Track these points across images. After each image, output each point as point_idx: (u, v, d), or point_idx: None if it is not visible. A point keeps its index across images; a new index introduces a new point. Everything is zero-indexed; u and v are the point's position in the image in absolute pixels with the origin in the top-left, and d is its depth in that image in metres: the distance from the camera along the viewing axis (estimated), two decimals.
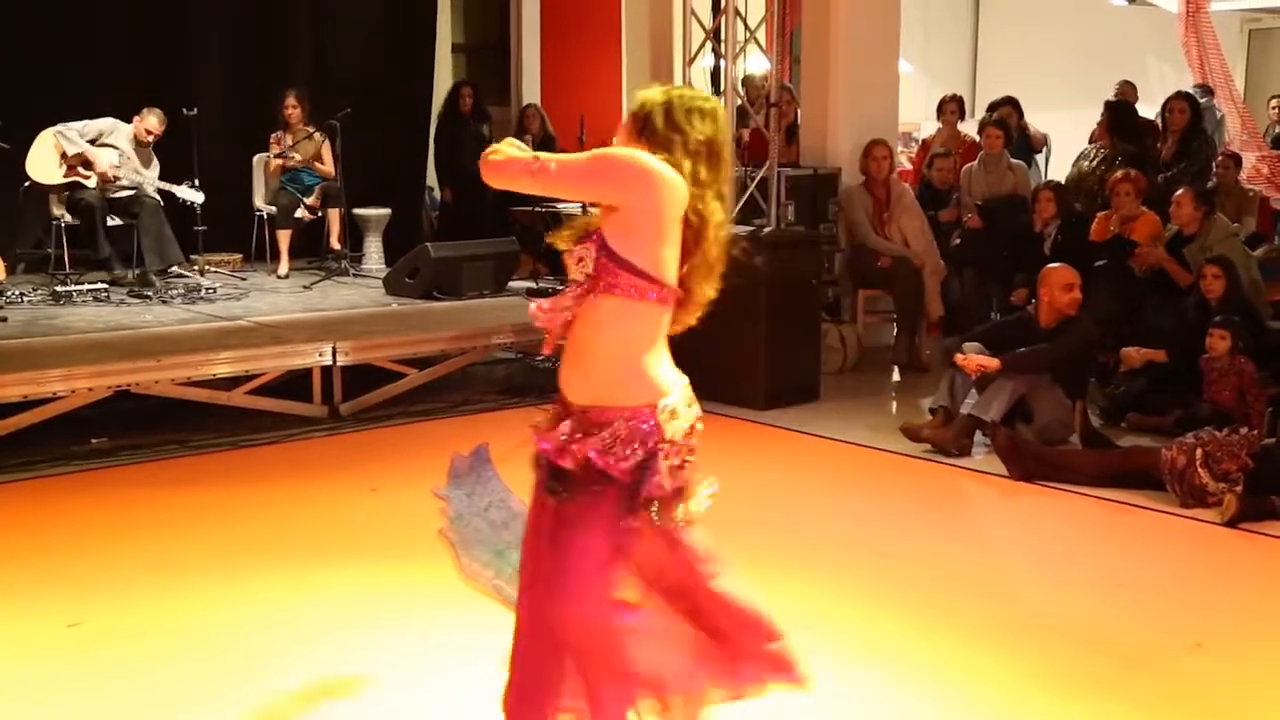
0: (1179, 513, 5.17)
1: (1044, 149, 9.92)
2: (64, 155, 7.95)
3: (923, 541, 4.89)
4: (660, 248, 2.52)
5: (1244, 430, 5.38)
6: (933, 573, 4.55)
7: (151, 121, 8.22)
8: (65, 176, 7.97)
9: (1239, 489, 5.04)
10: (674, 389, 2.59)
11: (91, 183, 7.99)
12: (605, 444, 2.51)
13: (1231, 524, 4.98)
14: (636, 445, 2.51)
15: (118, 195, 8.17)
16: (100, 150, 8.03)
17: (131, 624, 4.02)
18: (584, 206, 7.15)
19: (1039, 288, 6.31)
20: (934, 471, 5.86)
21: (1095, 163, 8.35)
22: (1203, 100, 9.37)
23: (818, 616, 4.12)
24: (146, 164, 8.28)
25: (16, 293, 7.62)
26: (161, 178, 8.28)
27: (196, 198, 8.22)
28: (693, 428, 2.61)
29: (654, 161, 2.51)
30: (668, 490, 2.56)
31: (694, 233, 2.57)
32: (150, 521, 5.03)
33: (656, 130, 2.57)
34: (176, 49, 9.28)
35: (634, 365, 2.55)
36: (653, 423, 2.53)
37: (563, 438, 2.55)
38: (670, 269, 2.55)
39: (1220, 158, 8.69)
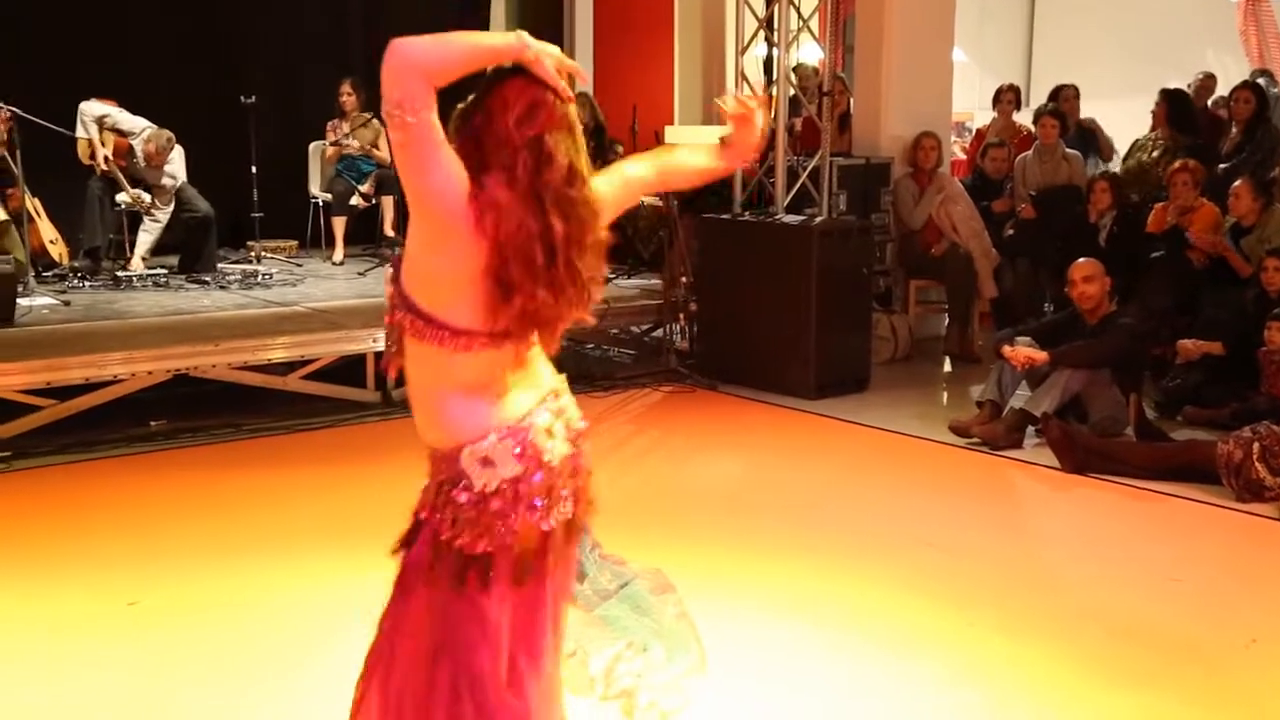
0: (1234, 507, 5.12)
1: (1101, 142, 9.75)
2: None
3: (972, 534, 4.87)
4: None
5: None
6: (982, 565, 4.53)
7: (150, 149, 7.86)
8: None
9: None
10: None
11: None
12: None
13: None
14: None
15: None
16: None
17: (189, 603, 4.09)
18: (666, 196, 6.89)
19: None
20: (984, 463, 5.83)
21: (1151, 154, 8.24)
22: (1275, 91, 9.19)
23: (866, 608, 4.13)
24: (155, 182, 8.00)
25: (78, 278, 7.75)
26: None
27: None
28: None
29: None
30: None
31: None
32: (207, 503, 5.12)
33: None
34: (237, 38, 9.38)
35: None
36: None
37: None
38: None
39: None
